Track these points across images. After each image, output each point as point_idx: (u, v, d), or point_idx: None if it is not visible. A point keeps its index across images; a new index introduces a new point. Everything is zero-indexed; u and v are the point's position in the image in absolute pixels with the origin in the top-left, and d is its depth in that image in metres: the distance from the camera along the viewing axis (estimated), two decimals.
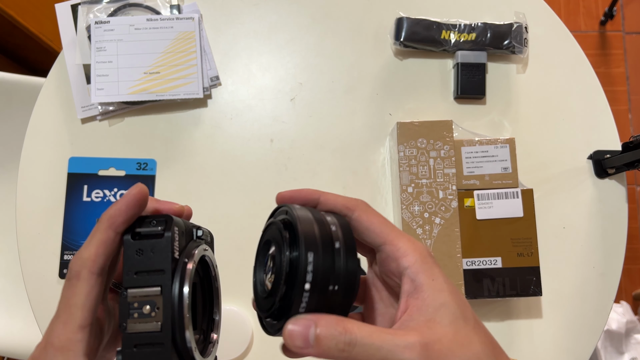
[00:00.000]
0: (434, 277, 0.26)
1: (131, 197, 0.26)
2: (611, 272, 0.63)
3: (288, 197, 0.29)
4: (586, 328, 0.62)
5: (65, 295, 0.26)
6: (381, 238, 0.28)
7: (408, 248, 0.27)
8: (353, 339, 0.24)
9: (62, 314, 0.25)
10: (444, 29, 0.66)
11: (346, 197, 0.29)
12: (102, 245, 0.26)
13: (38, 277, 0.62)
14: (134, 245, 0.26)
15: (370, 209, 0.29)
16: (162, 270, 0.25)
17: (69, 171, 0.64)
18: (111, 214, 0.26)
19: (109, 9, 0.67)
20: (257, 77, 0.68)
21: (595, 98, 0.68)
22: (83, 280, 0.25)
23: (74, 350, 0.25)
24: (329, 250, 0.25)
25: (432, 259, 0.27)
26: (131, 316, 0.25)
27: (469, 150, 0.60)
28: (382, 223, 0.29)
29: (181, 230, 0.27)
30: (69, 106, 0.66)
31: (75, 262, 0.26)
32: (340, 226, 0.27)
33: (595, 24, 1.52)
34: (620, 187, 0.65)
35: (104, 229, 0.26)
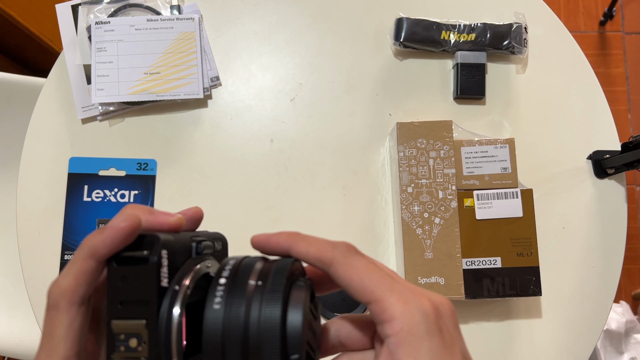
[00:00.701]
0: (416, 354, 0.22)
1: (120, 231, 0.23)
2: (611, 272, 0.63)
3: (261, 242, 0.26)
4: (586, 328, 0.62)
5: (47, 325, 0.24)
6: (365, 296, 0.23)
7: (396, 311, 0.22)
8: None
9: (45, 345, 0.24)
10: (444, 30, 0.66)
11: (324, 244, 0.25)
12: (82, 275, 0.24)
13: (38, 277, 0.62)
14: (118, 272, 0.23)
15: (350, 258, 0.24)
16: (146, 301, 0.23)
17: (70, 171, 0.64)
18: (94, 243, 0.23)
19: (109, 10, 0.67)
20: (257, 78, 0.68)
21: (595, 98, 0.68)
22: (62, 311, 0.24)
23: None
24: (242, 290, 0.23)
25: (427, 325, 0.22)
26: (117, 349, 0.23)
27: (468, 150, 0.60)
28: (364, 277, 0.23)
29: (173, 250, 0.24)
30: (69, 106, 0.66)
31: (53, 291, 0.24)
32: (274, 271, 0.23)
33: (594, 24, 1.52)
34: (620, 187, 0.66)
35: (83, 258, 0.24)
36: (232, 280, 0.23)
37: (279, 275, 0.23)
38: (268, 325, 0.22)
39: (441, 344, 0.22)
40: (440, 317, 0.23)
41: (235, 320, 0.22)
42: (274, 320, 0.22)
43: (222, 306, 0.22)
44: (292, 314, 0.23)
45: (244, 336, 0.22)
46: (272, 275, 0.23)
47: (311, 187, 0.65)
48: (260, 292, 0.23)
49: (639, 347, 1.13)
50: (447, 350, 0.23)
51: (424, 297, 0.23)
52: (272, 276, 0.23)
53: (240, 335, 0.22)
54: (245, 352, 0.22)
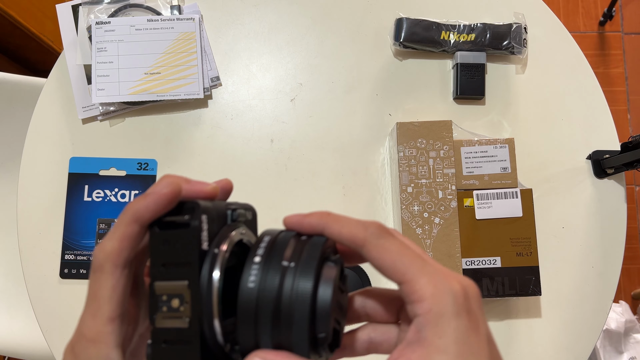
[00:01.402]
0: (443, 334, 0.22)
1: (163, 196, 0.24)
2: (610, 271, 0.64)
3: (293, 224, 0.27)
4: (585, 327, 0.62)
5: (92, 287, 0.25)
6: (396, 277, 0.24)
7: (426, 293, 0.23)
8: None
9: (90, 305, 0.25)
10: (444, 30, 0.66)
11: (355, 224, 0.25)
12: (126, 239, 0.25)
13: (39, 277, 0.62)
14: (160, 236, 0.24)
15: (382, 240, 0.24)
16: (188, 263, 0.24)
17: (70, 171, 0.64)
18: (138, 208, 0.24)
19: (109, 10, 0.67)
20: (257, 78, 0.68)
21: (594, 98, 0.68)
22: (107, 273, 0.25)
23: (105, 342, 0.24)
24: (275, 268, 0.23)
25: (455, 307, 0.23)
26: (160, 309, 0.24)
27: (468, 150, 0.60)
28: (396, 259, 0.24)
29: (211, 216, 0.25)
30: (69, 106, 0.66)
31: (98, 253, 0.25)
32: (308, 248, 0.24)
33: (594, 24, 1.52)
34: (619, 187, 0.66)
35: (127, 222, 0.25)
36: (268, 253, 0.24)
37: (313, 253, 0.24)
38: (299, 298, 0.23)
39: (468, 326, 0.23)
40: (467, 300, 0.23)
41: (269, 291, 0.23)
42: (306, 294, 0.23)
43: (257, 277, 0.23)
44: (323, 291, 0.23)
45: (276, 307, 0.23)
46: (305, 253, 0.24)
47: (311, 187, 0.65)
48: (294, 267, 0.23)
49: (638, 346, 1.13)
50: (473, 332, 0.23)
51: (454, 280, 0.24)
52: (306, 253, 0.24)
53: (272, 306, 0.23)
54: (276, 322, 0.23)
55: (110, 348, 0.24)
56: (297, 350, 0.23)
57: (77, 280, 0.62)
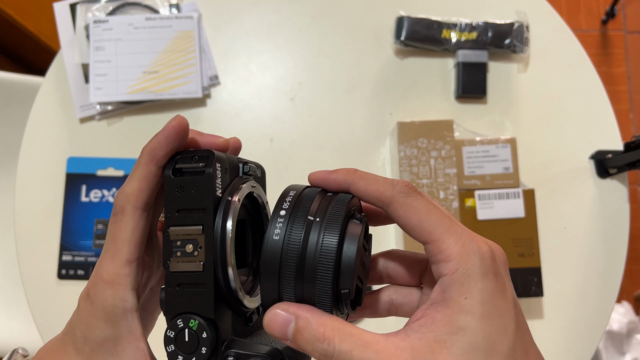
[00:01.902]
0: (469, 294, 0.22)
1: (170, 129, 0.25)
2: (613, 272, 0.63)
3: (319, 180, 0.26)
4: (587, 329, 0.62)
5: (112, 230, 0.25)
6: (422, 237, 0.23)
7: (453, 252, 0.22)
8: (330, 350, 0.22)
9: (109, 248, 0.25)
10: (445, 28, 0.65)
11: (383, 182, 0.24)
12: (144, 180, 0.25)
13: (36, 278, 0.62)
14: (175, 182, 0.25)
15: (410, 198, 0.24)
16: (203, 208, 0.24)
17: (68, 171, 0.64)
18: (151, 147, 0.25)
19: (107, 8, 0.66)
20: (256, 77, 0.68)
21: (597, 97, 0.67)
22: (127, 215, 0.25)
23: (122, 284, 0.25)
24: (301, 222, 0.23)
25: (482, 268, 0.22)
26: (174, 254, 0.24)
27: (469, 150, 0.60)
28: (423, 218, 0.23)
29: (224, 166, 0.26)
30: (67, 106, 0.66)
31: (119, 197, 0.25)
32: (333, 205, 0.24)
33: (596, 23, 1.51)
34: (622, 187, 0.65)
35: (145, 163, 0.25)
36: (294, 207, 0.24)
37: (339, 209, 0.24)
38: (324, 253, 0.23)
39: (494, 287, 0.22)
40: (494, 262, 0.23)
41: (293, 245, 0.23)
42: (331, 249, 0.23)
43: (283, 231, 0.23)
44: (347, 247, 0.23)
45: (301, 261, 0.23)
46: (331, 209, 0.24)
47: None
48: (319, 222, 0.23)
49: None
50: (500, 294, 0.22)
51: (481, 241, 0.23)
52: (332, 209, 0.24)
53: (296, 260, 0.23)
54: (299, 276, 0.23)
55: (127, 290, 0.25)
56: (319, 304, 0.23)
57: (75, 281, 0.62)
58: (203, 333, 0.24)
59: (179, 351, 0.24)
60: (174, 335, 0.24)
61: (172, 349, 0.24)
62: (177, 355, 0.24)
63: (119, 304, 0.25)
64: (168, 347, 0.24)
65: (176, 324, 0.24)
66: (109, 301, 0.25)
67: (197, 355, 0.24)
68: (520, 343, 0.22)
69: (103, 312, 0.25)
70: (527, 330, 0.23)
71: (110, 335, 0.25)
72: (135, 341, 0.25)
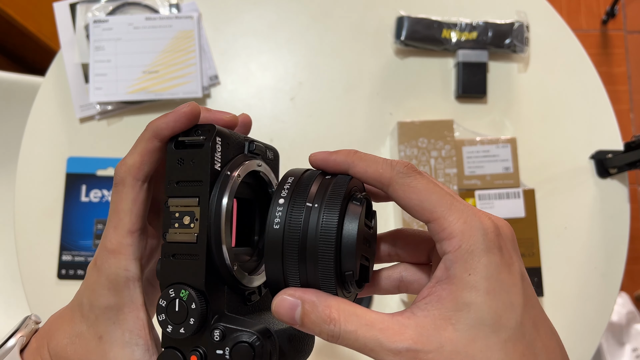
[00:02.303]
0: (473, 270, 0.21)
1: (181, 114, 0.25)
2: (613, 272, 0.63)
3: (319, 161, 0.26)
4: (588, 329, 0.62)
5: (114, 200, 0.26)
6: (424, 216, 0.23)
7: (456, 229, 0.22)
8: (336, 331, 0.22)
9: (112, 218, 0.26)
10: (445, 28, 0.65)
11: (382, 163, 0.24)
12: (146, 154, 0.26)
13: (36, 278, 0.62)
14: (176, 154, 0.25)
15: (409, 178, 0.23)
16: (200, 180, 0.25)
17: (67, 171, 0.64)
18: (158, 125, 0.25)
19: (107, 8, 0.66)
20: (256, 77, 0.67)
21: (597, 97, 0.67)
22: (128, 186, 0.26)
23: (124, 254, 0.25)
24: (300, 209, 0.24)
25: (485, 244, 0.22)
26: (172, 226, 0.25)
27: (470, 150, 0.60)
28: (423, 197, 0.23)
29: (226, 141, 0.26)
30: (67, 105, 0.66)
31: (119, 168, 0.26)
32: (333, 186, 0.24)
33: (596, 22, 1.51)
34: (623, 187, 0.65)
35: (148, 138, 0.26)
36: (292, 193, 0.24)
37: (337, 191, 0.24)
38: (325, 235, 0.23)
39: (499, 262, 0.22)
40: (499, 237, 0.23)
41: (294, 231, 0.23)
42: (331, 230, 0.23)
43: (282, 219, 0.24)
44: (348, 227, 0.23)
45: (302, 245, 0.23)
46: (330, 191, 0.24)
47: None
48: (318, 207, 0.23)
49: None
50: (505, 269, 0.22)
51: (485, 217, 0.23)
52: (331, 191, 0.24)
53: (298, 245, 0.23)
54: (302, 261, 0.23)
55: (129, 260, 0.26)
56: (324, 286, 0.23)
57: (75, 281, 0.62)
58: (192, 304, 0.24)
59: (169, 320, 0.24)
60: (165, 304, 0.24)
61: (162, 317, 0.24)
62: (167, 325, 0.24)
63: (121, 273, 0.25)
64: (159, 316, 0.25)
65: (168, 294, 0.24)
66: (112, 270, 0.25)
67: (185, 326, 0.24)
68: (529, 317, 0.22)
69: (107, 280, 0.25)
70: (537, 304, 0.23)
71: (113, 303, 0.26)
72: (136, 310, 0.26)
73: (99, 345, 0.26)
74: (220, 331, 0.24)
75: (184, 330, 0.24)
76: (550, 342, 0.23)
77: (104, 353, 0.26)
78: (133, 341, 0.26)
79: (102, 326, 0.26)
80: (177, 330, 0.24)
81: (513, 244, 0.24)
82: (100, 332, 0.26)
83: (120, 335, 0.26)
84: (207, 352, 0.24)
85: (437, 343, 0.21)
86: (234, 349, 0.23)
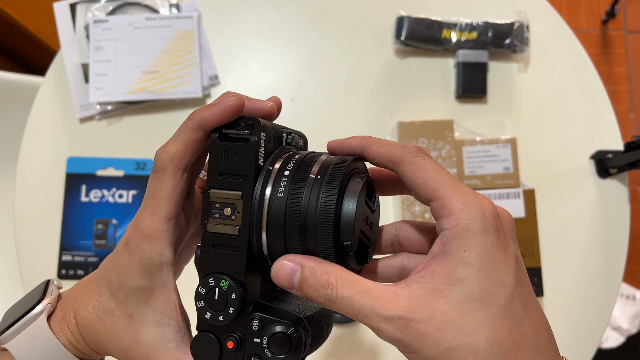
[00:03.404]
0: (468, 248, 0.22)
1: (228, 107, 0.25)
2: (613, 272, 0.63)
3: (335, 146, 0.28)
4: (588, 329, 0.62)
5: (152, 186, 0.26)
6: (427, 194, 0.24)
7: (455, 207, 0.23)
8: (333, 296, 0.23)
9: (149, 204, 0.26)
10: (445, 28, 0.65)
11: (395, 145, 0.26)
12: (190, 143, 0.26)
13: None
14: (220, 147, 0.25)
15: (418, 158, 0.25)
16: (244, 175, 0.25)
17: (67, 171, 0.64)
18: (204, 116, 0.25)
19: (107, 8, 0.66)
20: (256, 76, 0.67)
21: (597, 97, 0.67)
22: (169, 174, 0.26)
23: (160, 239, 0.26)
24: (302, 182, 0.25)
25: (483, 224, 0.23)
26: (212, 215, 0.25)
27: (470, 150, 0.60)
28: (429, 176, 0.24)
29: (269, 135, 0.26)
30: (67, 105, 0.66)
31: (161, 155, 0.26)
32: (333, 164, 0.25)
33: (597, 22, 1.51)
34: (623, 187, 0.65)
35: (193, 128, 0.26)
36: (297, 170, 0.25)
37: (337, 168, 0.25)
38: (324, 210, 0.24)
39: (495, 242, 0.23)
40: (497, 220, 0.23)
41: (295, 204, 0.24)
42: (330, 206, 0.24)
43: (285, 191, 0.25)
44: (347, 203, 0.24)
45: (303, 216, 0.24)
46: (331, 169, 0.25)
47: None
48: (320, 180, 0.24)
49: None
50: (500, 249, 0.23)
51: (486, 200, 0.24)
52: (331, 169, 0.25)
53: (299, 215, 0.24)
54: (303, 233, 0.24)
55: (165, 245, 0.26)
56: (322, 257, 0.24)
57: (75, 281, 0.62)
58: (232, 294, 0.25)
59: (208, 308, 0.25)
60: (205, 292, 0.25)
61: (201, 304, 0.25)
62: (206, 312, 0.25)
63: (155, 257, 0.26)
64: (198, 302, 0.25)
65: (208, 282, 0.25)
66: (147, 254, 0.26)
67: (224, 314, 0.25)
68: (519, 297, 0.23)
69: (140, 264, 0.26)
70: (529, 288, 0.24)
71: (144, 285, 0.26)
72: (167, 292, 0.27)
73: (129, 323, 0.26)
74: (258, 321, 0.25)
75: (223, 318, 0.25)
76: (539, 325, 0.23)
77: (134, 331, 0.26)
78: (164, 321, 0.26)
79: (132, 305, 0.26)
80: (216, 317, 0.25)
81: (511, 230, 0.25)
82: (130, 310, 0.26)
83: (152, 315, 0.26)
84: (244, 338, 0.25)
85: (428, 313, 0.22)
86: (272, 339, 0.25)
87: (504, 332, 0.22)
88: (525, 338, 0.22)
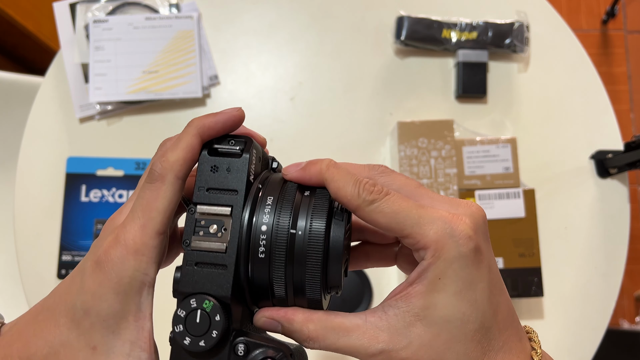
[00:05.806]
0: (443, 275, 0.23)
1: (231, 117, 0.25)
2: (613, 272, 0.63)
3: (294, 178, 0.26)
4: (588, 329, 0.61)
5: (147, 197, 0.24)
6: (396, 234, 0.24)
7: (429, 241, 0.23)
8: (317, 346, 0.24)
9: (140, 215, 0.24)
10: (445, 28, 0.65)
11: (350, 189, 0.24)
12: (190, 150, 0.24)
13: (36, 278, 0.62)
14: (210, 161, 0.24)
15: (374, 205, 0.24)
16: (235, 190, 0.24)
17: (67, 171, 0.64)
18: (205, 123, 0.25)
19: (107, 8, 0.66)
20: (256, 76, 0.67)
21: (597, 97, 0.67)
22: (168, 184, 0.24)
23: (147, 256, 0.23)
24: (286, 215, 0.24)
25: (458, 250, 0.23)
26: (196, 234, 0.24)
27: (470, 149, 0.59)
28: (390, 220, 0.24)
29: (259, 155, 0.26)
30: (67, 105, 0.66)
31: (159, 163, 0.24)
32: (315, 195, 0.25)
33: (597, 22, 1.51)
34: (623, 187, 0.65)
35: (193, 134, 0.25)
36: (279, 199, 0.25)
37: (320, 211, 0.24)
38: (313, 241, 0.24)
39: (470, 263, 0.23)
40: (472, 237, 0.24)
41: (283, 227, 0.24)
42: (319, 232, 0.24)
43: (272, 214, 0.24)
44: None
45: (291, 244, 0.24)
46: (313, 212, 0.24)
47: None
48: (306, 206, 0.24)
49: None
50: (475, 265, 0.24)
51: (456, 220, 0.24)
52: (313, 211, 0.24)
53: (286, 242, 0.24)
54: (290, 260, 0.24)
55: (151, 263, 0.24)
56: (309, 291, 0.24)
57: None
58: (216, 316, 0.23)
59: (188, 332, 0.23)
60: (185, 315, 0.23)
61: (180, 329, 0.23)
62: (185, 337, 0.23)
63: (138, 276, 0.23)
64: (176, 326, 0.23)
65: (189, 304, 0.23)
66: (129, 272, 0.23)
67: (205, 338, 0.23)
68: (490, 308, 0.24)
69: (118, 284, 0.23)
70: (499, 289, 0.25)
71: (117, 310, 0.23)
72: (142, 319, 0.24)
73: (91, 356, 0.23)
74: (244, 345, 0.23)
75: (204, 343, 0.23)
76: (505, 323, 0.24)
77: None
78: (135, 354, 0.23)
79: (97, 335, 0.23)
80: (197, 342, 0.23)
81: (484, 231, 0.25)
82: (94, 342, 0.23)
83: (120, 346, 0.23)
84: None
85: (406, 340, 0.23)
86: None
87: (473, 344, 0.23)
88: (493, 343, 0.24)
